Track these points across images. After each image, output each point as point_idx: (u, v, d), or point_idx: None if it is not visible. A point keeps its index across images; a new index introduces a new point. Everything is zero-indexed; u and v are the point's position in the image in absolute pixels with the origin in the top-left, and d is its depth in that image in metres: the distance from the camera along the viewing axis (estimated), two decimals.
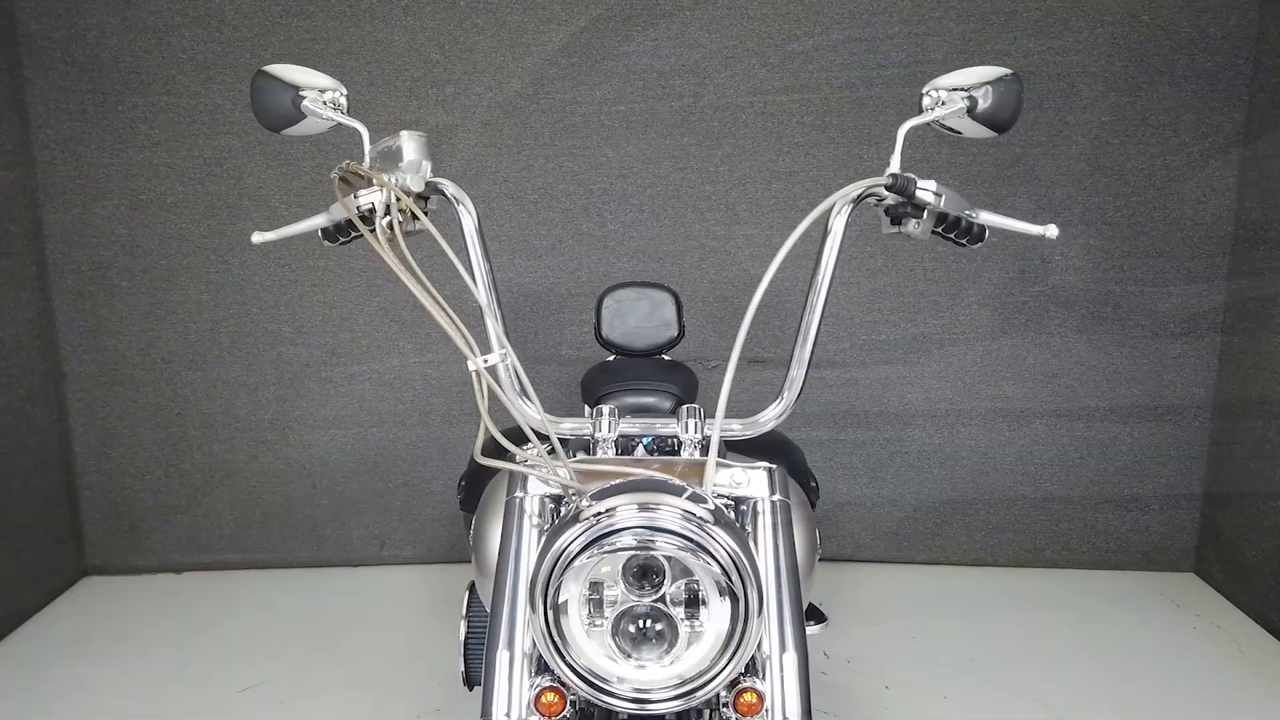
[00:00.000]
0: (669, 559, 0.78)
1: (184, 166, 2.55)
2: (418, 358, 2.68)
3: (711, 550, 0.76)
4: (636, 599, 0.79)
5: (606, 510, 0.76)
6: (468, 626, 1.24)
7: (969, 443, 2.74)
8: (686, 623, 0.79)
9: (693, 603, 0.79)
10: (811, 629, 1.79)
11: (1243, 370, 2.56)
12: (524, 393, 0.97)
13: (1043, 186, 2.58)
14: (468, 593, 1.29)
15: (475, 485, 1.52)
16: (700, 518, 0.77)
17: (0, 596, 2.40)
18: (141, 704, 2.11)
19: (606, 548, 0.76)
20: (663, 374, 1.60)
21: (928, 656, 2.32)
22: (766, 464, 0.99)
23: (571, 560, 0.76)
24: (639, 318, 1.82)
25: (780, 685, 0.86)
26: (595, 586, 0.79)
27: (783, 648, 0.88)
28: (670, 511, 0.76)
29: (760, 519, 0.95)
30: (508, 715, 0.86)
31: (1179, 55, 2.50)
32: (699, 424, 0.97)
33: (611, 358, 1.84)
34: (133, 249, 2.59)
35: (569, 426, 1.04)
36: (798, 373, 1.07)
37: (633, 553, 0.77)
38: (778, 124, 2.55)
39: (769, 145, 2.57)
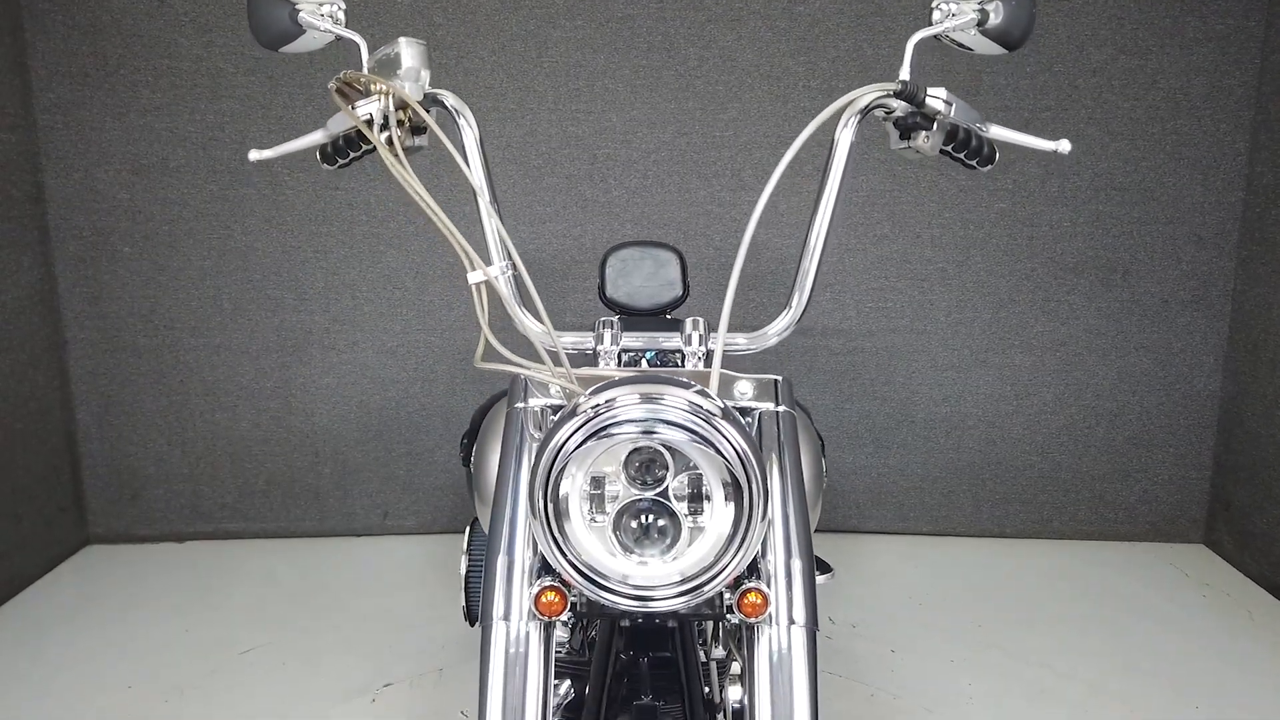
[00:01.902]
0: (672, 452, 0.76)
1: (186, 131, 2.53)
2: (420, 325, 2.66)
3: (717, 444, 0.74)
4: (638, 493, 0.77)
5: (606, 401, 0.74)
6: (469, 561, 1.22)
7: (976, 412, 2.72)
8: (689, 518, 0.77)
9: (696, 498, 0.78)
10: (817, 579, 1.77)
11: (1254, 337, 2.54)
12: (531, 304, 0.95)
13: None
14: (469, 528, 1.27)
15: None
16: (708, 410, 0.75)
17: (1, 562, 2.39)
18: (143, 666, 2.10)
19: (608, 437, 0.74)
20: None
21: (933, 623, 2.30)
22: (774, 376, 0.97)
23: (573, 451, 0.74)
24: (643, 277, 1.80)
25: (786, 590, 0.85)
26: (596, 482, 0.77)
27: (788, 554, 0.86)
28: (675, 401, 0.74)
29: (767, 429, 0.94)
30: (506, 619, 0.85)
31: (1190, 18, 2.47)
32: (703, 336, 0.95)
33: (615, 317, 1.83)
34: (134, 214, 2.57)
35: (570, 340, 1.03)
36: (803, 288, 1.05)
37: (635, 443, 0.75)
38: (784, 88, 2.53)
39: (775, 109, 2.54)
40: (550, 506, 0.76)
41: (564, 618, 0.84)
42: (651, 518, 0.78)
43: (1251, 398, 2.54)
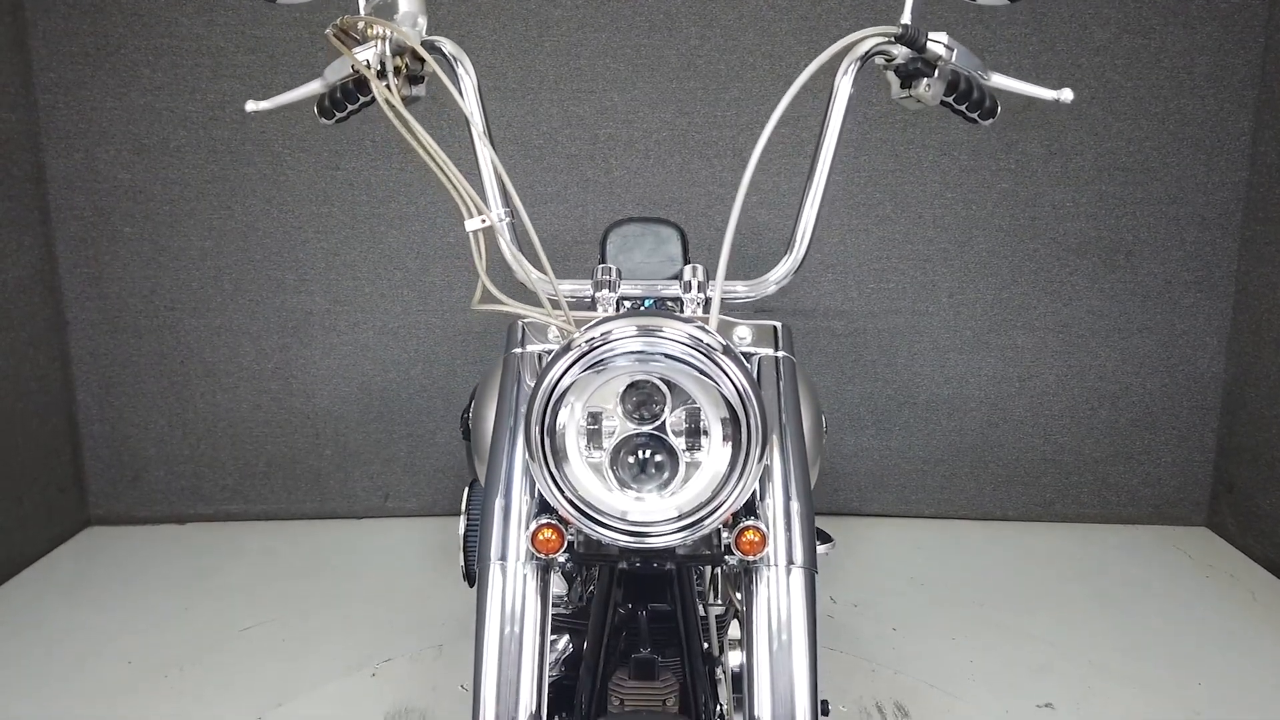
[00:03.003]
0: (670, 388, 0.76)
1: (186, 111, 2.53)
2: (421, 305, 2.66)
3: (715, 378, 0.74)
4: (635, 428, 0.76)
5: (603, 334, 0.74)
6: (467, 521, 1.22)
7: (978, 394, 2.71)
8: (687, 454, 0.77)
9: (693, 433, 0.77)
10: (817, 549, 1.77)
11: (1257, 319, 2.53)
12: (530, 251, 0.94)
13: (1054, 131, 2.54)
14: (467, 489, 1.26)
15: None
16: (708, 344, 0.74)
17: (1, 540, 2.39)
18: (142, 643, 2.10)
19: (606, 369, 0.74)
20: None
21: (935, 602, 2.29)
22: (773, 321, 0.97)
23: (570, 383, 0.73)
24: (644, 252, 1.80)
25: (785, 531, 0.84)
26: (593, 418, 0.77)
27: (787, 496, 0.85)
28: (675, 334, 0.74)
29: (766, 373, 0.93)
30: (503, 559, 0.84)
31: None
32: (702, 284, 0.94)
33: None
34: (135, 194, 2.57)
35: (569, 288, 1.02)
36: (803, 235, 1.04)
37: (633, 376, 0.74)
38: (785, 67, 2.52)
39: (777, 89, 2.53)
40: (547, 442, 0.75)
41: (561, 559, 0.83)
42: (649, 453, 0.77)
43: (1255, 379, 2.53)
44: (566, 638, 1.11)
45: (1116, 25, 2.48)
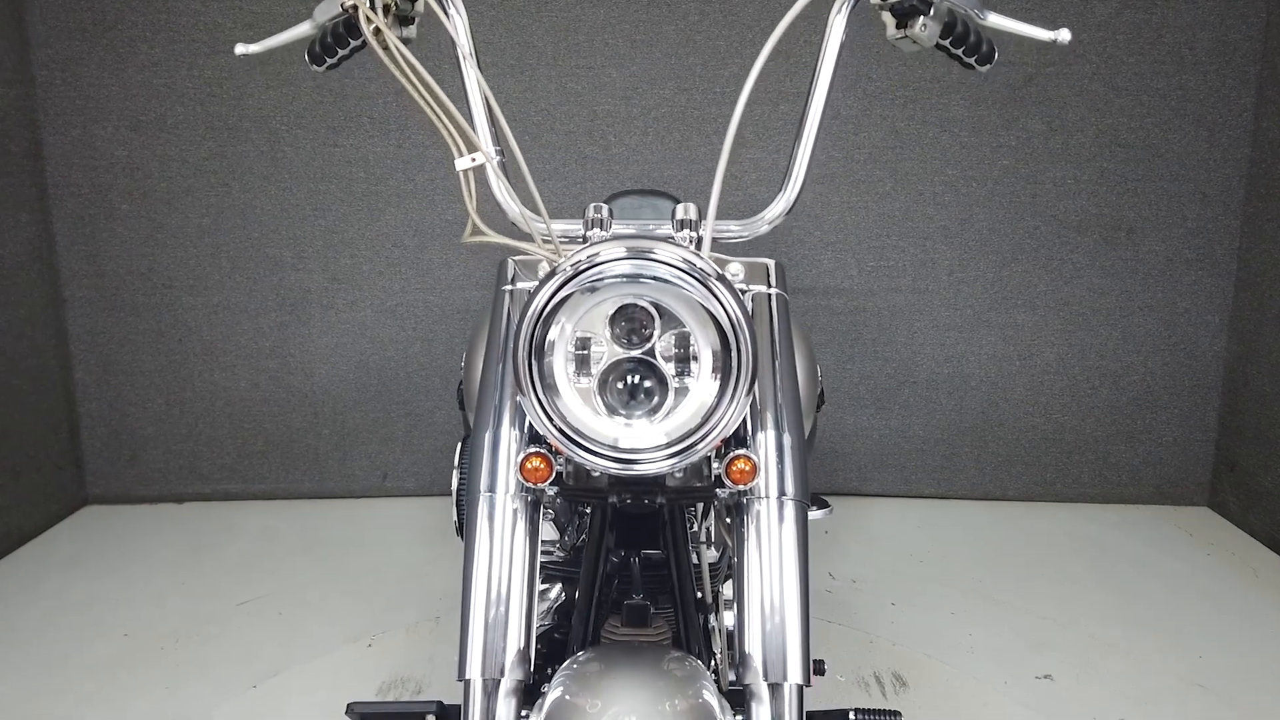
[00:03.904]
0: (660, 313, 0.75)
1: (184, 87, 2.52)
2: (420, 284, 2.65)
3: (704, 301, 0.72)
4: (624, 352, 0.75)
5: (589, 256, 0.73)
6: (460, 476, 1.21)
7: (978, 372, 2.70)
8: (676, 379, 0.76)
9: (683, 359, 0.76)
10: (814, 513, 1.76)
11: (1260, 296, 2.51)
12: (525, 190, 0.93)
13: (1055, 107, 2.52)
14: (460, 444, 1.26)
15: None
16: (701, 269, 0.73)
17: None
18: (139, 615, 2.09)
19: (596, 289, 0.72)
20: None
21: (934, 579, 2.28)
22: (767, 259, 0.96)
23: (559, 305, 0.72)
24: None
25: (777, 463, 0.83)
26: (582, 343, 0.76)
27: (779, 429, 0.85)
28: (666, 256, 0.72)
29: (759, 310, 0.92)
30: (491, 490, 0.83)
31: None
32: (694, 222, 0.93)
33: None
34: (133, 171, 2.56)
35: (560, 227, 1.01)
36: (796, 175, 1.03)
37: (623, 298, 0.73)
38: (785, 43, 2.49)
39: (776, 66, 2.51)
40: (535, 366, 0.74)
41: (551, 491, 0.82)
42: (637, 379, 0.76)
43: (1258, 357, 2.52)
44: (559, 586, 1.10)
45: (1118, 0, 2.46)
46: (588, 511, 1.08)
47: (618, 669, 0.75)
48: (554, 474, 0.80)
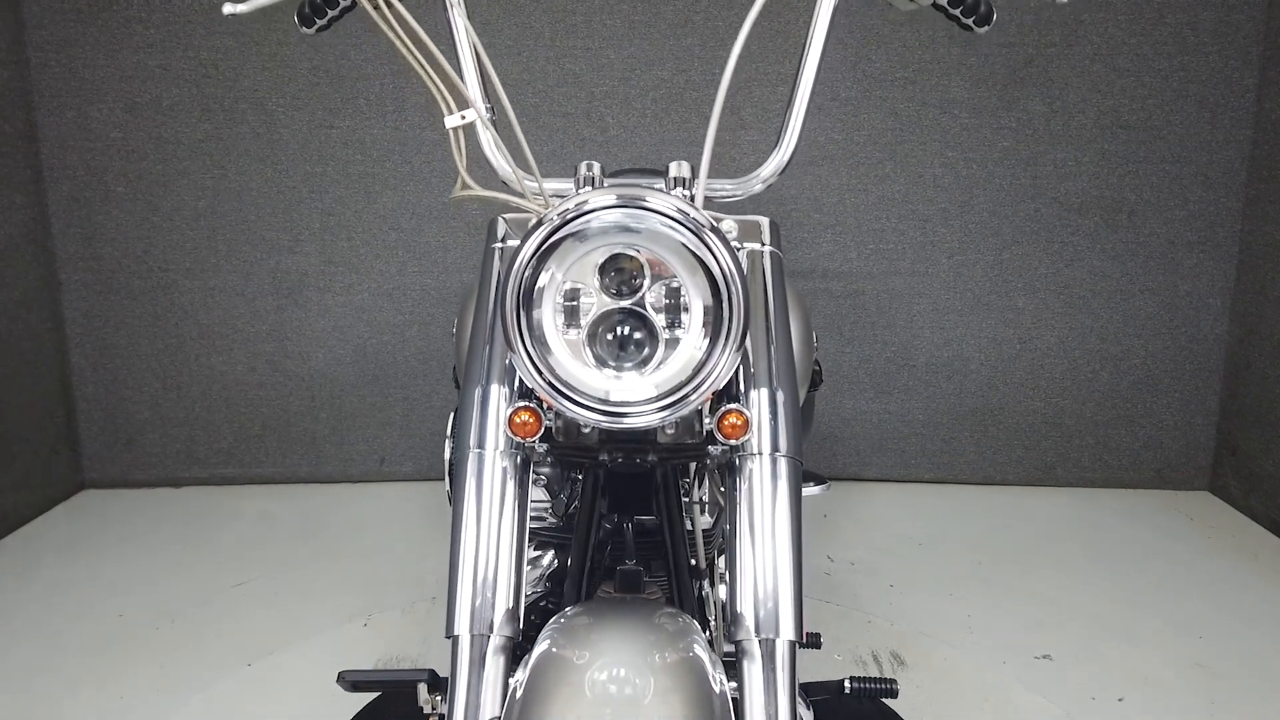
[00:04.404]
0: (650, 260, 0.73)
1: (179, 69, 2.51)
2: (416, 267, 2.64)
3: (694, 249, 0.71)
4: (613, 303, 0.74)
5: (578, 205, 0.71)
6: (453, 448, 1.20)
7: (978, 356, 2.68)
8: (666, 330, 0.74)
9: (673, 310, 0.75)
10: (811, 489, 1.75)
11: (1262, 279, 2.50)
12: (516, 149, 0.92)
13: (1056, 88, 2.51)
14: (452, 414, 1.24)
15: None
16: (695, 219, 0.71)
17: None
18: (134, 597, 2.08)
19: (586, 238, 0.71)
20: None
21: (933, 562, 2.27)
22: (761, 217, 0.94)
23: (548, 252, 0.71)
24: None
25: (770, 420, 0.82)
26: (572, 294, 0.74)
27: (771, 386, 0.83)
28: (658, 204, 0.71)
29: (753, 267, 0.91)
30: (480, 447, 0.82)
31: None
32: (687, 180, 0.92)
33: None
34: (128, 153, 2.55)
35: (552, 185, 1.00)
36: (791, 132, 1.01)
37: (612, 247, 0.72)
38: (784, 24, 2.49)
39: (775, 46, 2.51)
40: (524, 317, 0.73)
41: (540, 448, 0.81)
42: (627, 330, 0.75)
43: (1259, 339, 2.50)
44: (550, 553, 1.09)
45: None
46: (579, 477, 1.07)
47: (607, 622, 0.74)
48: (543, 429, 0.79)
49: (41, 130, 2.52)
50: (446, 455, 1.20)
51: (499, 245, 0.94)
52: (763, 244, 0.94)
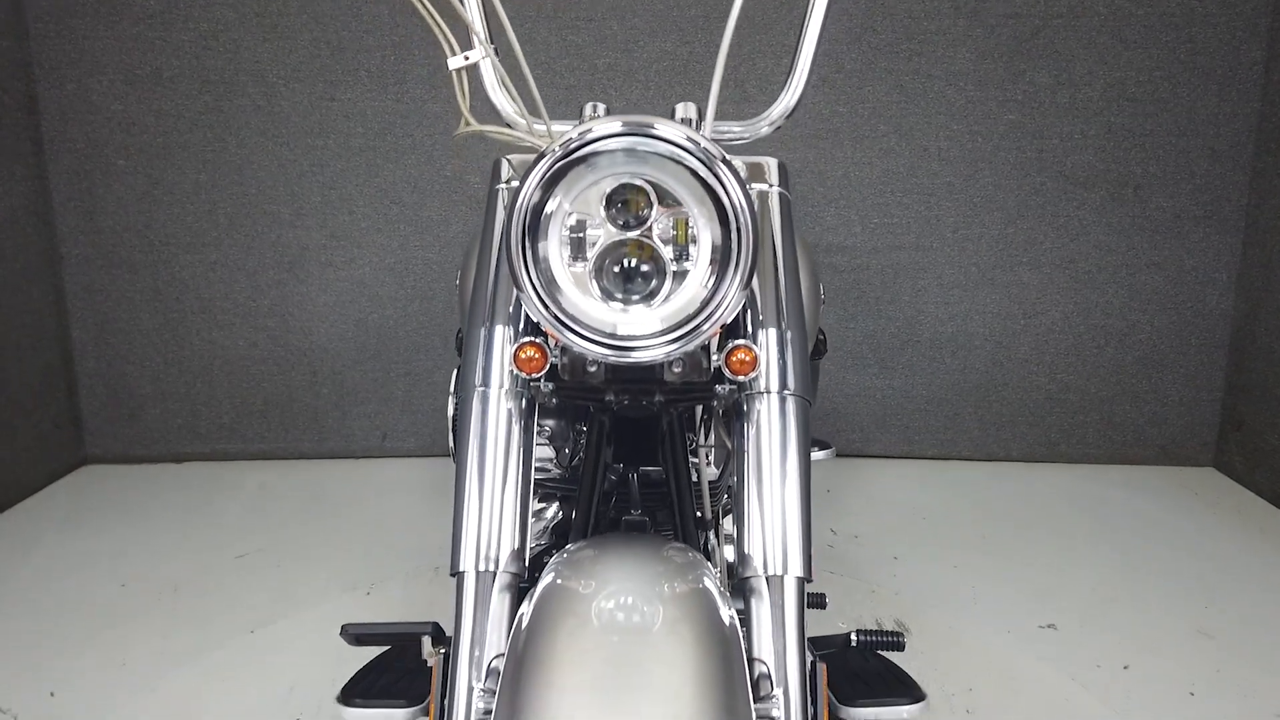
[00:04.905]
0: (657, 192, 0.72)
1: (179, 40, 2.49)
2: (419, 241, 2.63)
3: (704, 177, 0.70)
4: (620, 233, 0.73)
5: (582, 133, 0.70)
6: (455, 403, 1.18)
7: (983, 331, 2.67)
8: (674, 263, 0.73)
9: (681, 241, 0.73)
10: (816, 455, 1.74)
11: (1268, 253, 2.48)
12: (522, 89, 0.90)
13: (1063, 60, 2.49)
14: (455, 371, 1.23)
15: None
16: (704, 148, 0.70)
17: None
18: (137, 567, 2.08)
19: (593, 166, 0.70)
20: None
21: (937, 535, 2.27)
22: (770, 157, 0.93)
23: (554, 180, 0.70)
24: None
25: (779, 358, 0.81)
26: (578, 225, 0.73)
27: (780, 326, 0.82)
28: (667, 132, 0.70)
29: (761, 206, 0.90)
30: (484, 385, 0.81)
31: None
32: (694, 122, 0.91)
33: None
34: (128, 126, 2.54)
35: (558, 128, 0.99)
36: (799, 73, 1.00)
37: (619, 178, 0.71)
38: None
39: (780, 18, 2.49)
40: (530, 249, 0.72)
41: (546, 388, 0.80)
42: (634, 263, 0.74)
43: (1265, 314, 2.49)
44: (555, 505, 1.09)
45: None
46: (584, 429, 1.06)
47: (614, 554, 0.73)
48: (548, 365, 0.78)
49: (42, 102, 2.51)
50: (449, 412, 1.19)
51: (503, 185, 0.93)
52: (770, 185, 0.93)
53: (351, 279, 2.65)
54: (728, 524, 1.26)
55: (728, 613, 0.68)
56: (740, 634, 0.68)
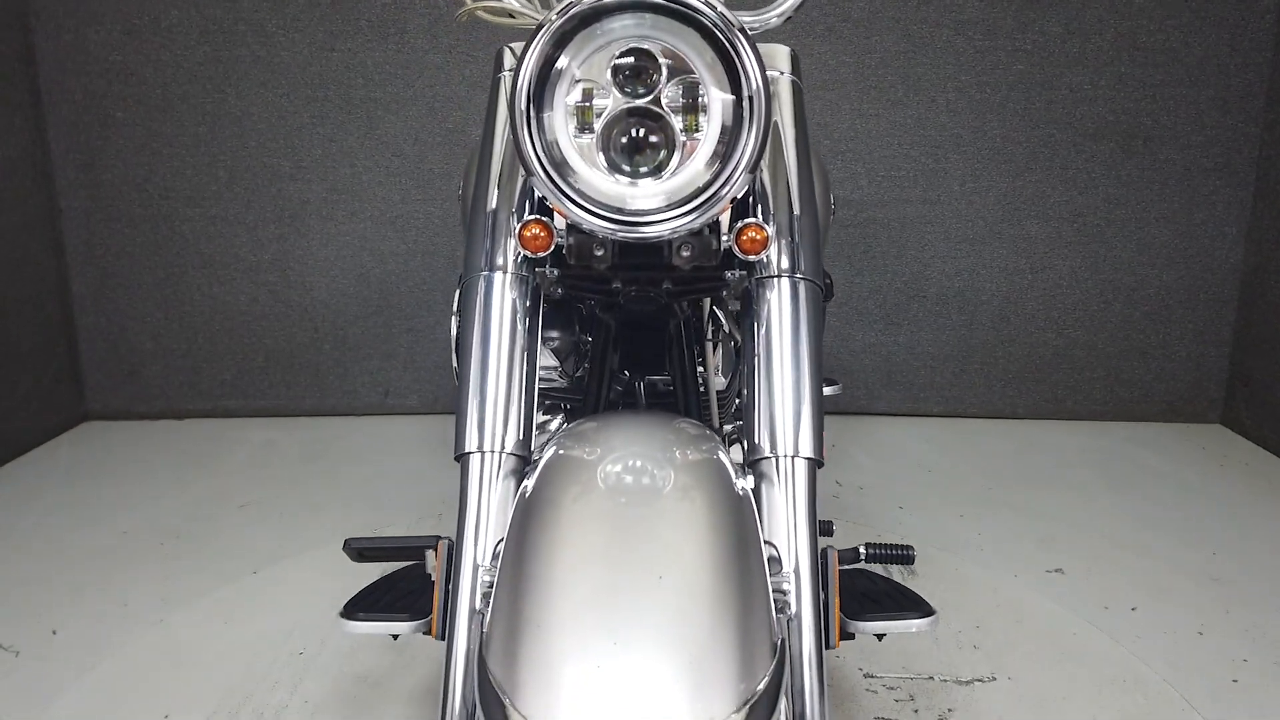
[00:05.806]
0: (665, 55, 0.70)
1: None
2: (420, 194, 2.60)
3: (719, 41, 0.67)
4: (629, 101, 0.70)
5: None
6: (460, 323, 1.17)
7: (990, 286, 2.65)
8: (683, 133, 0.71)
9: (690, 110, 0.71)
10: (825, 389, 1.72)
11: (1278, 206, 2.45)
12: None
13: (1073, 9, 2.45)
14: (458, 291, 1.22)
15: None
16: (720, 11, 0.68)
17: None
18: (138, 516, 2.07)
19: (599, 31, 0.67)
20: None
21: (943, 486, 2.25)
22: (784, 45, 0.91)
23: (561, 44, 0.68)
24: None
25: (790, 241, 0.79)
26: (585, 95, 0.71)
27: (791, 211, 0.80)
28: None
29: (773, 92, 0.88)
30: (488, 269, 0.79)
31: None
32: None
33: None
34: (127, 77, 2.51)
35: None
36: None
37: (629, 41, 0.68)
38: None
39: None
40: (535, 117, 0.69)
41: (552, 274, 0.78)
42: (642, 133, 0.71)
43: (1275, 268, 2.46)
44: (560, 417, 1.07)
45: None
46: (589, 339, 1.04)
47: (620, 425, 0.71)
48: (553, 245, 0.76)
49: (39, 53, 2.48)
50: (453, 332, 1.17)
51: (505, 73, 0.91)
52: (782, 72, 0.90)
53: (353, 233, 2.63)
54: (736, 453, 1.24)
55: (741, 484, 0.67)
56: (754, 508, 0.66)
